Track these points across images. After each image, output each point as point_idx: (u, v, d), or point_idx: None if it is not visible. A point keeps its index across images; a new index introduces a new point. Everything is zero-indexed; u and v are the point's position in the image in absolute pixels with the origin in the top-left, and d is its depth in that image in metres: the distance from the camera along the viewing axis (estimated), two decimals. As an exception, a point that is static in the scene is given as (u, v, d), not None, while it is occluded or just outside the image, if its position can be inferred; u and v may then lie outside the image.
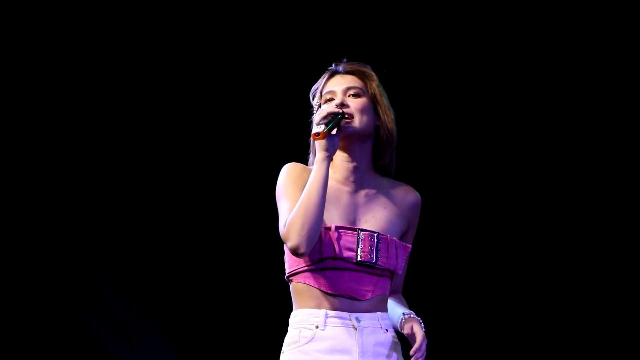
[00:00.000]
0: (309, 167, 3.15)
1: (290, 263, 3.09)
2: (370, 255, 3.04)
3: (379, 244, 3.06)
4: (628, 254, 4.99)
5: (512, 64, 5.04)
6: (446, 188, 5.07)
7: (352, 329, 3.03)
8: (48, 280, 4.93)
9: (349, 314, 3.04)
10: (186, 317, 5.05)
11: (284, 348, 3.08)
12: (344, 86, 3.14)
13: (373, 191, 3.14)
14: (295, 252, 2.98)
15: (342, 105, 3.10)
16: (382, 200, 3.14)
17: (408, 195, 3.18)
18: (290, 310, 3.09)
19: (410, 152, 4.90)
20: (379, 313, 3.08)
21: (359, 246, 3.04)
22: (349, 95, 3.12)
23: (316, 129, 3.00)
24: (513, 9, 5.01)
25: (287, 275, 3.11)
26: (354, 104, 3.10)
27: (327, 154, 3.03)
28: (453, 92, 5.07)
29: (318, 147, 3.03)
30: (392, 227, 3.11)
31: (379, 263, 3.05)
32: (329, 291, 3.04)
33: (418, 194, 3.20)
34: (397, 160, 3.18)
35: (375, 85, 3.15)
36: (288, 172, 3.12)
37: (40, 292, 4.93)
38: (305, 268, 3.06)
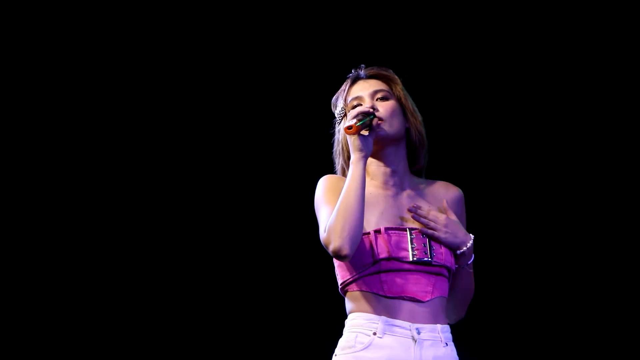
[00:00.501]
0: (343, 177, 3.07)
1: (343, 273, 2.99)
2: (425, 253, 2.96)
3: (431, 241, 2.98)
4: (628, 254, 5.02)
5: (515, 64, 5.05)
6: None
7: (411, 341, 2.91)
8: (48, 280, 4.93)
9: (410, 324, 2.92)
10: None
11: (337, 351, 2.97)
12: (371, 90, 3.08)
13: (414, 192, 3.07)
14: (338, 254, 2.88)
15: (373, 109, 3.02)
16: (426, 199, 3.07)
17: (449, 190, 3.12)
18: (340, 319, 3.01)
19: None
20: (439, 325, 2.96)
21: (412, 245, 2.95)
22: (377, 99, 3.06)
23: (348, 122, 2.95)
24: (514, 9, 5.02)
25: (340, 286, 3.01)
26: (383, 108, 3.04)
27: (362, 154, 2.95)
28: (460, 93, 5.08)
29: (352, 148, 2.96)
30: None
31: (435, 260, 2.95)
32: (387, 294, 2.94)
33: (458, 188, 3.14)
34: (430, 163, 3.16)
35: (400, 88, 3.10)
36: (325, 183, 3.04)
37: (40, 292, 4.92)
38: (360, 275, 2.96)
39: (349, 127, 2.93)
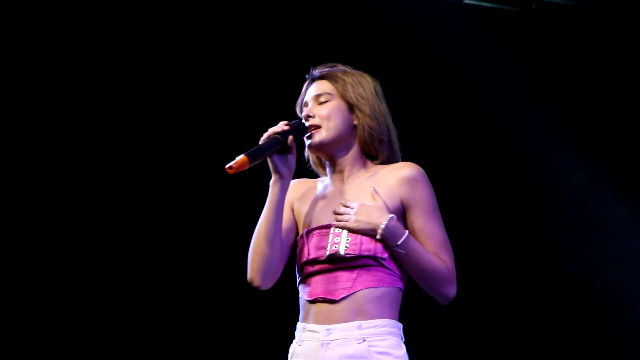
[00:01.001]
0: (312, 179, 3.02)
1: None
2: (335, 247, 2.82)
3: (349, 233, 2.82)
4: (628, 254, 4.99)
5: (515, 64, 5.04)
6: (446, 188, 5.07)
7: (318, 344, 2.82)
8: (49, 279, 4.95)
9: (321, 326, 2.82)
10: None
11: None
12: (314, 94, 2.97)
13: (361, 180, 2.92)
14: (251, 286, 2.86)
15: (308, 117, 2.92)
16: (367, 186, 2.90)
17: (400, 171, 2.89)
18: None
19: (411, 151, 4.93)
20: (357, 322, 2.81)
21: (330, 242, 2.83)
22: (319, 104, 2.96)
23: (232, 162, 2.82)
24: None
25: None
26: (320, 112, 2.94)
27: (278, 177, 2.88)
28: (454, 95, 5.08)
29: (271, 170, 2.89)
30: None
31: (347, 252, 2.81)
32: (308, 298, 2.86)
33: (413, 168, 2.89)
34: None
35: (345, 84, 2.95)
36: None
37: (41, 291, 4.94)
38: (298, 280, 2.91)
39: (230, 168, 2.82)
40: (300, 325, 2.88)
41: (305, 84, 3.02)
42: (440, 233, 2.87)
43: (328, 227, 2.86)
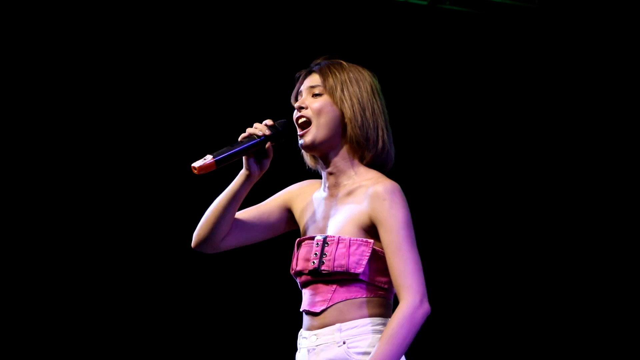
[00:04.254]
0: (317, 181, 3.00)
1: None
2: (314, 262, 2.82)
3: (325, 248, 2.82)
4: (628, 254, 4.99)
5: (512, 65, 5.04)
6: (445, 189, 5.07)
7: (307, 350, 2.85)
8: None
9: (310, 332, 2.85)
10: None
11: None
12: (308, 85, 2.92)
13: (345, 192, 2.89)
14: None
15: (300, 108, 2.89)
16: (349, 199, 2.87)
17: (372, 187, 2.83)
18: None
19: (410, 151, 4.94)
20: (337, 325, 2.82)
21: (313, 254, 2.84)
22: (312, 95, 2.91)
23: (199, 161, 2.81)
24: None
25: None
26: (312, 105, 2.90)
27: (247, 173, 2.89)
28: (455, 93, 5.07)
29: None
30: (347, 226, 2.84)
31: (322, 268, 2.81)
32: (300, 309, 2.89)
33: (385, 185, 2.82)
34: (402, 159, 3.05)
35: (338, 81, 2.89)
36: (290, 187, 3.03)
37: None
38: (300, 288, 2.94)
39: (194, 168, 2.80)
40: (299, 332, 2.91)
41: (302, 75, 2.96)
42: (407, 252, 2.80)
43: (312, 238, 2.87)
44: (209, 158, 2.81)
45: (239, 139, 2.87)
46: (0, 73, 4.87)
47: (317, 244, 2.84)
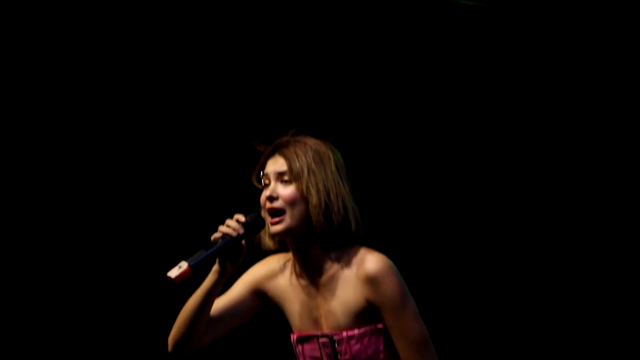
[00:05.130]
0: (284, 256, 2.99)
1: None
2: None
3: (336, 347, 2.82)
4: (628, 254, 4.99)
5: (511, 65, 5.03)
6: (445, 190, 5.06)
7: None
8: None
9: None
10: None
11: None
12: (275, 171, 2.90)
13: (327, 278, 2.87)
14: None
15: (272, 198, 2.87)
16: (336, 286, 2.85)
17: (359, 270, 2.82)
18: None
19: (409, 153, 4.94)
20: None
21: (321, 354, 2.85)
22: (281, 182, 2.89)
23: (174, 270, 2.80)
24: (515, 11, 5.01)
25: None
26: (284, 194, 2.87)
27: (219, 270, 2.89)
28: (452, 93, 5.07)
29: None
30: (348, 318, 2.83)
31: None
32: None
33: (375, 264, 2.82)
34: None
35: (303, 164, 2.88)
36: (252, 268, 3.04)
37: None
38: None
39: (170, 278, 2.80)
40: None
41: (266, 153, 2.93)
42: (414, 329, 2.82)
43: (314, 337, 2.87)
44: (184, 266, 2.80)
45: (212, 238, 2.85)
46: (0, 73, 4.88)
47: (325, 345, 2.84)
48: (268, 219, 2.89)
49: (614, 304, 4.99)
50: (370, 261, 2.82)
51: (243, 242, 2.87)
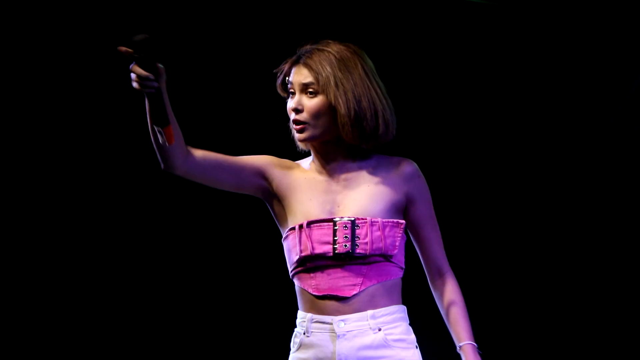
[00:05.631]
0: (295, 163, 2.99)
1: (287, 265, 2.93)
2: (346, 246, 2.82)
3: (356, 230, 2.82)
4: (628, 254, 4.99)
5: (511, 65, 5.03)
6: (447, 187, 5.06)
7: (332, 335, 2.82)
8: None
9: (332, 317, 2.83)
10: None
11: None
12: (300, 82, 2.88)
13: (354, 174, 2.92)
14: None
15: (296, 111, 2.87)
16: (366, 180, 2.91)
17: (400, 167, 2.93)
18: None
19: (411, 149, 4.92)
20: (369, 311, 2.84)
21: (335, 237, 2.83)
22: (306, 93, 2.88)
23: (161, 138, 2.68)
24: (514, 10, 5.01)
25: (290, 277, 2.94)
26: (309, 106, 2.88)
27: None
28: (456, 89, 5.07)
29: None
30: (377, 206, 2.87)
31: (357, 251, 2.82)
32: (315, 293, 2.85)
33: (412, 163, 2.95)
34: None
35: (329, 73, 2.85)
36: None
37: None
38: (295, 270, 2.90)
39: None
40: (305, 315, 2.88)
41: (290, 61, 2.92)
42: (438, 227, 3.00)
43: (331, 220, 2.85)
44: (161, 131, 2.69)
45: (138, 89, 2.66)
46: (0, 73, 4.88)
47: (346, 226, 2.82)
48: (293, 127, 2.91)
49: (614, 304, 4.99)
50: (408, 162, 2.96)
51: (163, 84, 2.70)
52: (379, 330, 2.84)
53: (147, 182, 5.01)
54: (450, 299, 2.99)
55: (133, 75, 2.64)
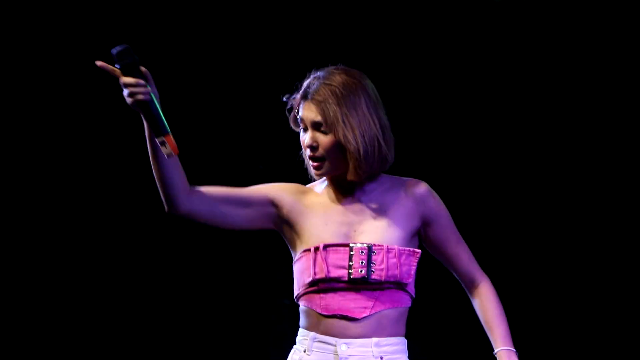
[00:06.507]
0: (309, 188, 3.00)
1: (295, 287, 2.93)
2: (361, 271, 2.84)
3: (372, 256, 2.85)
4: (628, 254, 4.99)
5: (512, 64, 5.04)
6: (448, 187, 5.06)
7: (334, 356, 2.84)
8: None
9: (336, 339, 2.85)
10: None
11: None
12: (311, 120, 2.90)
13: (368, 197, 2.95)
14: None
15: (312, 148, 2.89)
16: (380, 204, 2.94)
17: (412, 189, 2.96)
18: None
19: (412, 152, 4.93)
20: (374, 339, 2.87)
21: (350, 262, 2.85)
22: (318, 130, 2.89)
23: (166, 149, 2.66)
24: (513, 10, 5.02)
25: (295, 298, 2.95)
26: (322, 145, 2.89)
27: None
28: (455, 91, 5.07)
29: None
30: (394, 233, 2.90)
31: (372, 277, 2.84)
32: (323, 312, 2.86)
33: (424, 185, 2.98)
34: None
35: (336, 111, 2.87)
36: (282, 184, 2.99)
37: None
38: (305, 291, 2.90)
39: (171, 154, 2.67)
40: (308, 333, 2.90)
41: (299, 97, 2.93)
42: (463, 241, 3.02)
43: (347, 245, 2.87)
44: (165, 139, 2.68)
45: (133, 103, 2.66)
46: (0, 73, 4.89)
47: (362, 251, 2.85)
48: (310, 163, 2.93)
49: (614, 304, 4.99)
50: (416, 182, 2.99)
51: (155, 96, 2.73)
52: (381, 359, 2.87)
53: (147, 182, 5.00)
54: (485, 306, 3.03)
55: (125, 91, 2.67)
